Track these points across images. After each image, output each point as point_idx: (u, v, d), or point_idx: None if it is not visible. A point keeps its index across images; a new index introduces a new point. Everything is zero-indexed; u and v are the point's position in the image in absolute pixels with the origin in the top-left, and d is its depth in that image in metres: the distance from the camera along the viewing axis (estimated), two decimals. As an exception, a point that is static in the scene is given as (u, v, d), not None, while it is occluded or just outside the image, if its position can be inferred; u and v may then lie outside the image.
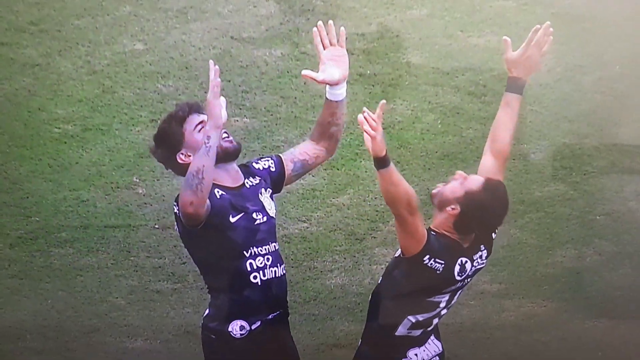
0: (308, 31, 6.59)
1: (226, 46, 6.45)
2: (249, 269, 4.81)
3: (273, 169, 4.94)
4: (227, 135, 4.78)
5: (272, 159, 4.98)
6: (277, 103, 5.62)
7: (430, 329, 4.92)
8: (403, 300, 4.83)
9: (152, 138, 4.82)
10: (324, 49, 4.87)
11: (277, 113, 5.35)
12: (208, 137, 4.53)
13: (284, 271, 4.93)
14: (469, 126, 6.63)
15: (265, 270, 4.85)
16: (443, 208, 4.79)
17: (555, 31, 6.87)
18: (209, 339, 4.89)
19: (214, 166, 4.66)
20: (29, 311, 6.19)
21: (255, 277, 4.81)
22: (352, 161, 6.59)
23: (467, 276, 4.82)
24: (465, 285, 4.84)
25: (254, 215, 4.83)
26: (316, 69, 5.72)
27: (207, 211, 4.63)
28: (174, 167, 4.87)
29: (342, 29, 4.78)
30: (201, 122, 4.81)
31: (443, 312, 4.90)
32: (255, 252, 4.82)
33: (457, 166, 6.56)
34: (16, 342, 6.09)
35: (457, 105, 6.63)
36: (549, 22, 4.90)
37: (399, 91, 6.53)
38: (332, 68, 4.85)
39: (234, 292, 4.83)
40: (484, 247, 4.86)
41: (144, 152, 6.37)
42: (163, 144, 4.83)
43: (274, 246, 4.89)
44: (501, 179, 4.92)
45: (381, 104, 4.65)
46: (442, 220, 4.81)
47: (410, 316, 4.86)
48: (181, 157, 4.79)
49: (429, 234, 4.74)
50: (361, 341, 4.93)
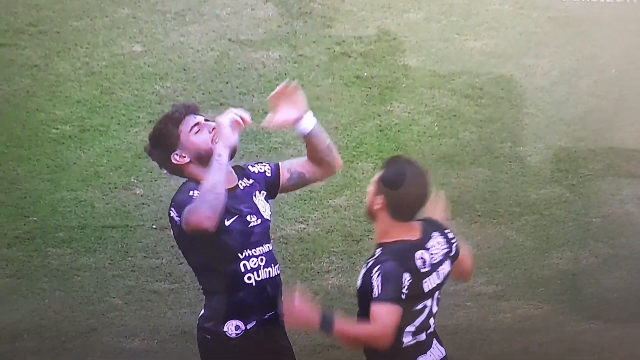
0: (306, 34, 6.62)
1: (224, 48, 6.46)
2: (242, 270, 4.79)
3: (269, 174, 4.94)
4: None
5: (269, 165, 4.98)
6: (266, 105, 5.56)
7: (431, 330, 4.91)
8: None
9: (148, 138, 4.82)
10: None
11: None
12: (219, 155, 4.55)
13: (278, 271, 4.92)
14: (465, 129, 6.63)
15: (260, 271, 4.83)
16: (374, 214, 4.81)
17: (551, 35, 6.93)
18: (204, 339, 4.87)
19: (204, 170, 4.70)
20: (26, 311, 6.15)
21: (250, 278, 4.80)
22: (350, 163, 6.58)
23: (434, 264, 4.79)
24: (443, 275, 4.81)
25: (248, 218, 4.81)
26: (313, 71, 5.71)
27: None
28: (168, 167, 4.87)
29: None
30: (197, 124, 4.81)
31: (434, 309, 4.88)
32: (249, 254, 4.81)
33: (454, 168, 6.56)
34: (13, 341, 6.06)
35: (453, 108, 6.63)
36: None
37: (396, 94, 6.53)
38: (286, 109, 4.86)
39: (228, 293, 4.81)
40: (437, 234, 4.84)
41: (141, 153, 6.34)
42: (158, 144, 4.82)
43: (268, 247, 4.89)
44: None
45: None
46: (383, 225, 4.81)
47: (407, 328, 4.86)
48: (175, 158, 4.79)
49: (379, 256, 4.78)
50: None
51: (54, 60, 6.32)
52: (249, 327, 4.81)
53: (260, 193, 4.88)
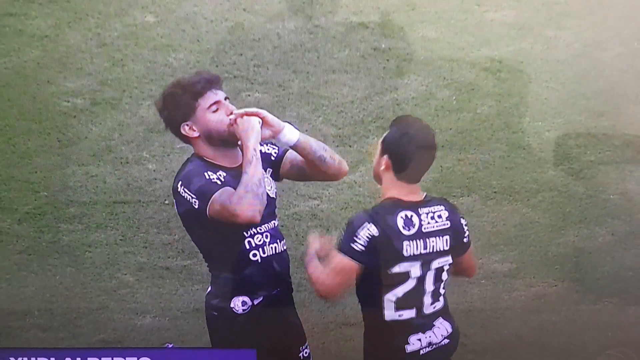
0: (322, 4, 6.43)
1: (238, 19, 6.28)
2: (247, 247, 4.81)
3: (274, 157, 4.91)
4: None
5: (277, 149, 4.94)
6: (289, 78, 5.47)
7: (429, 312, 4.82)
8: (369, 280, 4.76)
9: (162, 95, 4.70)
10: None
11: (289, 88, 5.21)
12: (255, 150, 4.60)
13: (285, 247, 4.92)
14: (483, 103, 6.48)
15: (265, 248, 4.84)
16: (380, 175, 4.73)
17: (574, 6, 6.71)
18: (211, 316, 4.88)
19: (217, 149, 4.61)
20: (37, 287, 6.12)
21: (255, 255, 4.81)
22: (365, 138, 6.45)
23: (424, 232, 4.69)
24: (433, 247, 4.72)
25: None
26: (329, 42, 5.54)
27: None
28: (174, 131, 4.79)
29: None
30: (217, 102, 4.71)
31: (430, 286, 4.78)
32: (254, 231, 4.81)
33: (471, 144, 6.43)
34: (24, 318, 6.03)
35: (472, 81, 6.47)
36: None
37: (414, 66, 6.36)
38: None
39: (234, 270, 4.82)
40: (443, 208, 4.74)
41: (153, 127, 6.23)
42: (172, 108, 4.75)
43: (273, 223, 4.88)
44: None
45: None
46: (386, 186, 4.73)
47: (386, 295, 4.77)
48: (185, 129, 4.74)
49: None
50: (364, 338, 4.89)
51: (65, 31, 6.16)
52: (255, 302, 4.81)
53: (266, 171, 4.82)
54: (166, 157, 6.28)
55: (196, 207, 4.64)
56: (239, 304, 4.83)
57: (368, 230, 4.68)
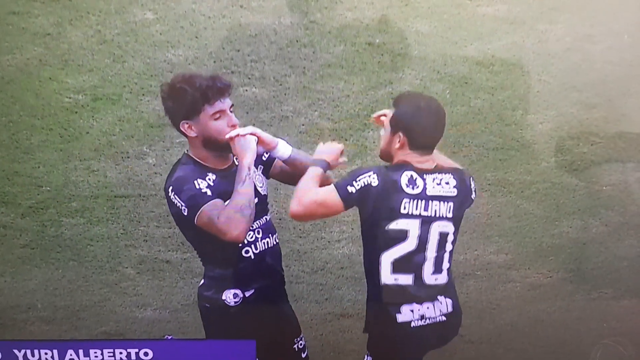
0: (317, 0, 6.50)
1: (236, 15, 6.37)
2: (240, 244, 4.82)
3: (265, 157, 4.95)
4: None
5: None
6: (285, 73, 5.54)
7: (430, 282, 4.78)
8: (369, 232, 4.79)
9: (168, 86, 4.73)
10: None
11: (285, 83, 5.27)
12: (249, 169, 4.67)
13: (277, 240, 4.98)
14: (477, 96, 6.55)
15: (257, 244, 4.89)
16: (393, 154, 4.78)
17: (565, 0, 6.78)
18: (204, 307, 4.95)
19: (210, 152, 4.72)
20: (40, 281, 6.18)
21: (247, 252, 4.87)
22: (360, 132, 6.52)
23: (429, 195, 4.74)
24: (435, 211, 4.75)
25: None
26: (325, 38, 5.60)
27: None
28: (172, 120, 4.83)
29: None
30: (221, 111, 4.77)
31: (430, 253, 4.77)
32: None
33: (465, 136, 6.49)
34: (27, 311, 6.10)
35: (465, 75, 6.54)
36: None
37: (408, 60, 6.44)
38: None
39: (227, 266, 4.86)
40: (451, 175, 4.80)
41: (154, 122, 6.32)
42: (176, 102, 4.76)
43: (265, 219, 4.94)
44: None
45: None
46: (401, 158, 4.77)
47: (384, 255, 4.78)
48: (184, 127, 4.78)
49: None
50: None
51: (66, 29, 6.24)
52: (247, 294, 4.88)
53: (257, 168, 4.88)
54: (166, 151, 6.35)
55: (185, 214, 4.70)
56: (230, 296, 4.89)
57: (368, 178, 4.73)
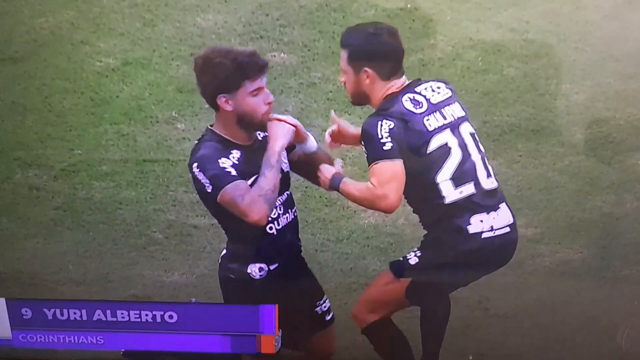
0: (350, -36, 6.40)
1: (266, -20, 6.30)
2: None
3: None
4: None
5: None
6: (314, 38, 5.48)
7: (488, 187, 4.81)
8: (414, 167, 4.79)
9: (203, 59, 4.77)
10: None
11: (314, 48, 5.23)
12: (278, 154, 4.73)
13: (295, 213, 5.05)
14: (510, 64, 6.42)
15: (280, 220, 4.97)
16: (366, 91, 4.79)
17: (605, -34, 6.56)
18: (228, 278, 5.04)
19: (239, 128, 4.71)
20: (71, 242, 6.30)
21: (271, 228, 4.96)
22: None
23: (435, 104, 4.77)
24: (452, 115, 4.78)
25: None
26: (355, 4, 5.57)
27: None
28: (205, 93, 4.88)
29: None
30: (259, 88, 4.81)
31: (475, 156, 4.82)
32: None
33: (497, 105, 6.40)
34: (59, 272, 6.23)
35: (498, 42, 6.39)
36: None
37: (440, 27, 6.33)
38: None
39: (251, 242, 4.92)
40: (434, 80, 4.91)
41: (183, 86, 6.33)
42: (214, 76, 4.81)
43: (286, 194, 5.00)
44: None
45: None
46: (377, 92, 4.81)
47: (438, 177, 4.78)
48: (221, 100, 4.84)
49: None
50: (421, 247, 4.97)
51: None
52: (271, 268, 4.96)
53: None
54: (195, 117, 6.38)
55: (209, 191, 4.79)
56: (256, 270, 4.99)
57: (385, 126, 4.73)
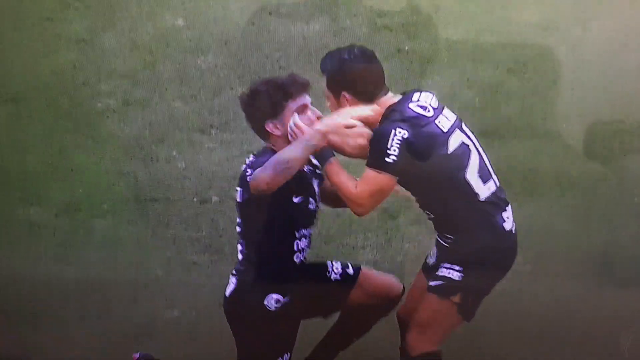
0: (347, 6, 6.51)
1: (264, 22, 6.42)
2: (295, 248, 4.96)
3: (319, 171, 5.08)
4: None
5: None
6: (314, 79, 5.57)
7: (499, 184, 4.87)
8: (445, 172, 4.84)
9: (250, 90, 4.89)
10: None
11: (315, 89, 5.31)
12: (310, 138, 4.75)
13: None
14: (507, 103, 6.48)
15: (304, 252, 5.03)
16: None
17: (600, 7, 6.63)
18: (239, 311, 5.05)
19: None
20: (72, 279, 6.39)
21: (297, 257, 5.03)
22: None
23: (437, 108, 4.91)
24: (453, 117, 4.96)
25: (310, 199, 4.98)
26: (351, 44, 5.62)
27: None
28: (254, 125, 4.99)
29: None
30: (304, 106, 4.92)
31: (482, 154, 4.94)
32: (302, 234, 4.97)
33: (494, 143, 6.47)
34: (60, 308, 6.34)
35: (496, 82, 6.47)
36: None
37: (437, 67, 6.42)
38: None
39: (278, 268, 4.98)
40: (412, 92, 4.94)
41: (182, 126, 6.45)
42: (260, 105, 4.94)
43: (312, 230, 5.08)
44: None
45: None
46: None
47: (467, 175, 4.86)
48: (270, 126, 4.97)
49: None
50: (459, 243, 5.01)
51: (99, 35, 6.39)
52: (287, 299, 5.01)
53: (316, 178, 5.02)
54: (195, 155, 6.48)
55: (248, 180, 4.84)
56: (272, 302, 5.04)
57: (397, 134, 4.75)
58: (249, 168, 4.86)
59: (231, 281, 5.15)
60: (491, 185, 4.87)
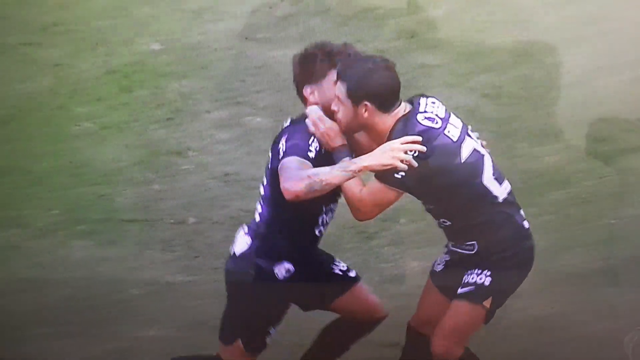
0: (323, 32, 9.09)
1: (241, 47, 8.71)
2: (320, 222, 6.53)
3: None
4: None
5: None
6: (291, 102, 7.45)
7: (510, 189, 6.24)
8: (462, 178, 6.17)
9: (302, 53, 6.34)
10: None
11: (291, 113, 6.89)
12: (350, 164, 6.12)
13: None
14: (484, 128, 8.45)
15: (327, 226, 6.58)
16: (366, 124, 6.14)
17: (573, 33, 9.35)
18: (244, 272, 6.50)
19: None
20: (52, 300, 8.34)
21: (319, 230, 6.57)
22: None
23: (444, 118, 6.16)
24: (459, 125, 6.24)
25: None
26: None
27: None
28: (298, 91, 6.43)
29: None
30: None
31: (491, 157, 6.23)
32: (330, 208, 6.56)
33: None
34: (38, 327, 8.18)
35: (471, 107, 8.70)
36: None
37: (413, 92, 7.30)
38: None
39: (300, 240, 6.53)
40: (419, 97, 6.33)
41: (159, 149, 8.77)
42: (304, 66, 6.39)
43: (337, 204, 6.60)
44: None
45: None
46: (380, 122, 6.16)
47: (484, 179, 6.17)
48: (307, 90, 6.40)
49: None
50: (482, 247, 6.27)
51: (76, 59, 8.59)
52: (297, 270, 6.52)
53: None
54: (172, 178, 8.74)
55: (279, 157, 6.17)
56: (282, 271, 6.48)
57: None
58: (286, 141, 6.16)
59: (244, 241, 6.44)
60: (507, 185, 6.23)
